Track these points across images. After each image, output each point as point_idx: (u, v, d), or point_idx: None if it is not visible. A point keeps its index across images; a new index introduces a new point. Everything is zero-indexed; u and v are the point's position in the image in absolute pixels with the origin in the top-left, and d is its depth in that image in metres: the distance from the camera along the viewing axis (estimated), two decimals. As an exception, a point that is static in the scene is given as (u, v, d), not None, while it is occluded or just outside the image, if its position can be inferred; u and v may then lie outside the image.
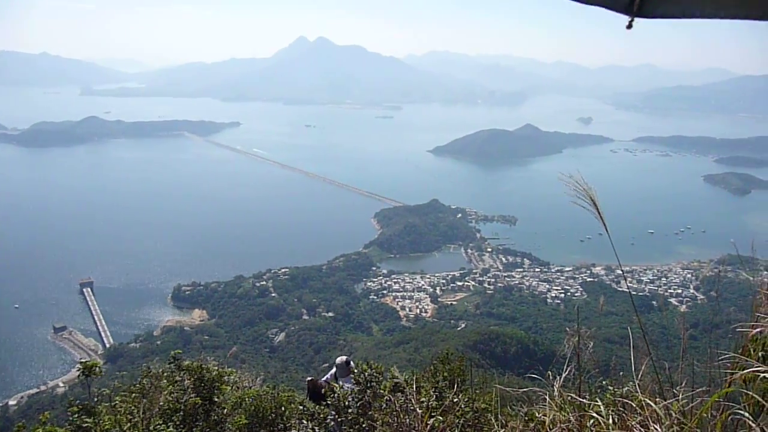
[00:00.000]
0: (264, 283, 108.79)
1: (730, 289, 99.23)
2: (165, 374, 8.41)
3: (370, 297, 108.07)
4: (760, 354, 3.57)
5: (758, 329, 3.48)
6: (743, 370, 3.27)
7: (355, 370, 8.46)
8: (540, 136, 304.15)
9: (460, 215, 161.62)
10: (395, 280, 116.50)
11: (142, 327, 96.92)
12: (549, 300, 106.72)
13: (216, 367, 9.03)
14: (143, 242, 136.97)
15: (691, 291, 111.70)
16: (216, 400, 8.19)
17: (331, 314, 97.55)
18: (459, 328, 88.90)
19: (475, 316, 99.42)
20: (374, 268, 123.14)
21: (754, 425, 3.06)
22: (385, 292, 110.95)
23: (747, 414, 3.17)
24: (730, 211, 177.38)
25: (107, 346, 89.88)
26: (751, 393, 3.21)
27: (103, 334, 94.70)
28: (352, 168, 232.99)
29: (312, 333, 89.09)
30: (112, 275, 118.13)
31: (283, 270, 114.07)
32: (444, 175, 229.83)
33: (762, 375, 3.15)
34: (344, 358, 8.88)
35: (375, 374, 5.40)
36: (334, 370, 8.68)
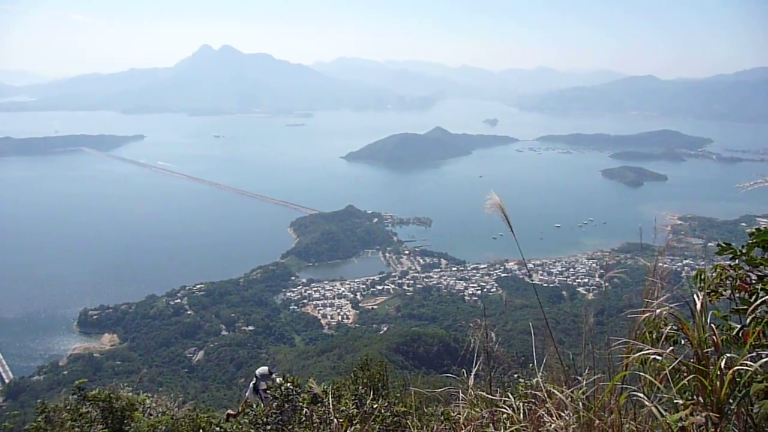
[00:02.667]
0: (178, 300, 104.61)
1: (631, 275, 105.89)
2: (67, 407, 7.84)
3: (291, 307, 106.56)
4: (654, 336, 3.81)
5: (649, 313, 3.71)
6: (637, 353, 3.47)
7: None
8: (450, 139, 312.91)
9: (376, 220, 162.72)
10: (315, 289, 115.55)
11: (46, 358, 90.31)
12: (467, 297, 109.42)
13: (129, 394, 8.58)
14: (43, 266, 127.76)
15: (597, 279, 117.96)
16: (126, 429, 7.76)
17: (251, 328, 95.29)
18: (381, 332, 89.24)
19: (396, 318, 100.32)
20: (293, 278, 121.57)
21: (648, 404, 3.25)
22: (305, 301, 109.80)
23: (642, 394, 3.37)
24: (626, 203, 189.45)
25: (6, 381, 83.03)
26: (645, 374, 3.41)
27: (0, 369, 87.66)
28: (265, 177, 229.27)
29: (232, 349, 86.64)
30: (7, 304, 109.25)
31: (198, 286, 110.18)
32: (358, 181, 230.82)
33: (653, 357, 3.36)
34: (266, 368, 8.49)
35: (292, 387, 5.31)
36: (254, 382, 8.29)
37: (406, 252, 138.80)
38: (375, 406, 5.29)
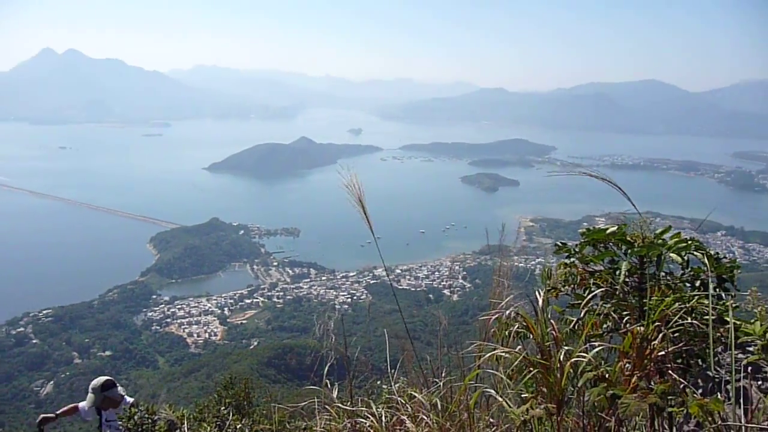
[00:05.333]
0: (22, 329, 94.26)
1: (490, 276, 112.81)
2: None
3: (153, 328, 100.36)
4: (505, 334, 4.02)
5: (498, 313, 3.91)
6: (488, 352, 3.64)
7: (123, 396, 7.41)
8: (315, 148, 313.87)
9: (242, 232, 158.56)
10: (179, 306, 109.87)
11: None
12: (338, 306, 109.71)
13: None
14: None
15: (460, 281, 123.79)
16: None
17: (108, 353, 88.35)
18: (251, 347, 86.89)
19: (267, 332, 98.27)
20: (155, 297, 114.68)
21: (500, 399, 3.42)
22: (169, 320, 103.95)
23: (494, 390, 3.55)
24: (484, 207, 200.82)
25: None
26: (495, 372, 3.60)
27: None
28: (121, 191, 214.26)
29: (87, 377, 78.85)
30: None
31: (44, 311, 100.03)
32: (223, 192, 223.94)
33: (504, 354, 3.54)
34: (102, 379, 7.65)
35: (146, 415, 4.97)
36: (90, 399, 7.36)
37: (275, 263, 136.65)
38: (238, 426, 5.10)
